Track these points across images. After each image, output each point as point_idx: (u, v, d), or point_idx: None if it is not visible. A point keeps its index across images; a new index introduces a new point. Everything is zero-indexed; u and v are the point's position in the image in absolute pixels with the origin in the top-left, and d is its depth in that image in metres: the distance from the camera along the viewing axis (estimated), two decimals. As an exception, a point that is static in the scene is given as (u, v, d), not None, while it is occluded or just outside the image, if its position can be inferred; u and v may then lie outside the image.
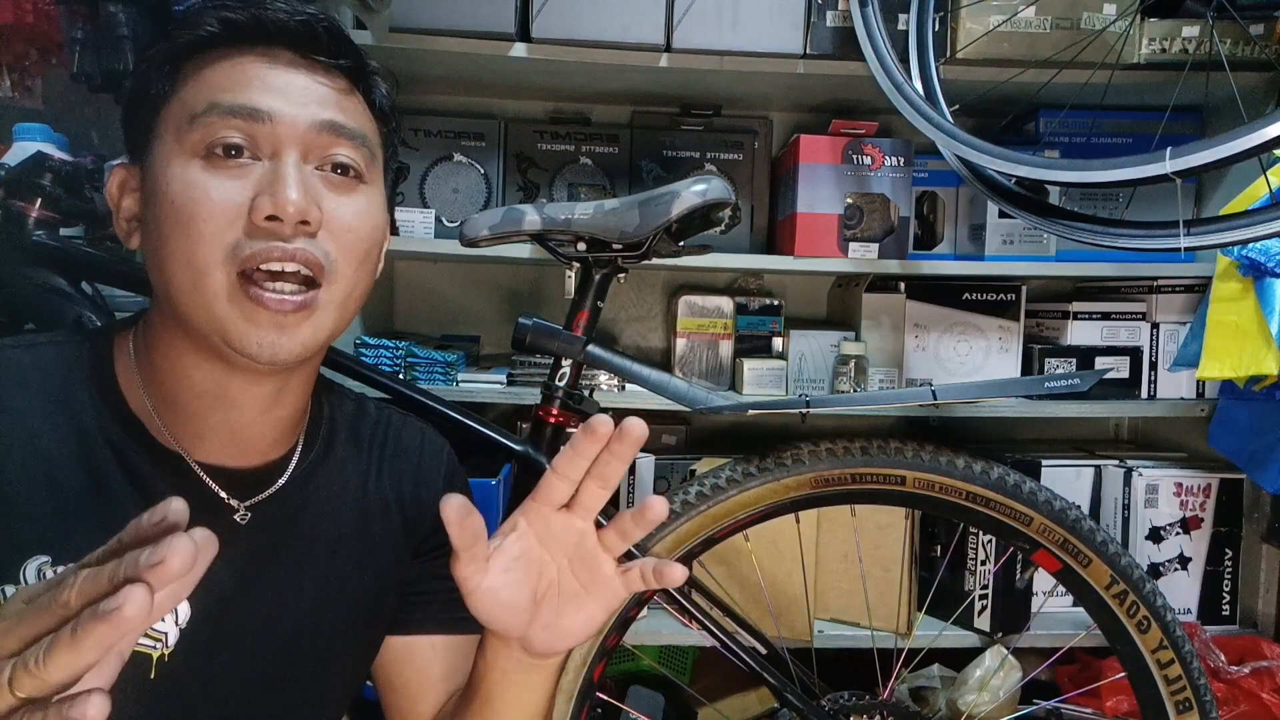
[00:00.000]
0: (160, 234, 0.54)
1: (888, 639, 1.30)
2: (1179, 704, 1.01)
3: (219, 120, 0.54)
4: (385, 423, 0.74)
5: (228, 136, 0.54)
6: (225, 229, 0.53)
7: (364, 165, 0.59)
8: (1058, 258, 1.38)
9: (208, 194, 0.53)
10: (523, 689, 0.60)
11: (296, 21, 0.57)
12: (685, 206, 0.90)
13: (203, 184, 0.53)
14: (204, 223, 0.53)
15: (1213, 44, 1.24)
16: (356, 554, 0.67)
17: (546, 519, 0.55)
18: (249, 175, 0.54)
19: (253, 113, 0.54)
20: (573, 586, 0.56)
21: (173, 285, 0.54)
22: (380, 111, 0.63)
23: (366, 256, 0.59)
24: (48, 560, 0.52)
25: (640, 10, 1.25)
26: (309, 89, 0.57)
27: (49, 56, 1.22)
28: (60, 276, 0.85)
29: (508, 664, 0.59)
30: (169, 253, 0.54)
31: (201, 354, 0.57)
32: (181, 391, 0.58)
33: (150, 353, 0.59)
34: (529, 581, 0.55)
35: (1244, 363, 1.12)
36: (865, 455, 1.01)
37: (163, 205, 0.54)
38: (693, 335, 1.44)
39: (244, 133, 0.54)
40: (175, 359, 0.58)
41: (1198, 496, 1.39)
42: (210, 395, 0.58)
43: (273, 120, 0.54)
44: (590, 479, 0.54)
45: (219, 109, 0.54)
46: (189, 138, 0.54)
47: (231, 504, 0.60)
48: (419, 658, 0.72)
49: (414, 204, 1.40)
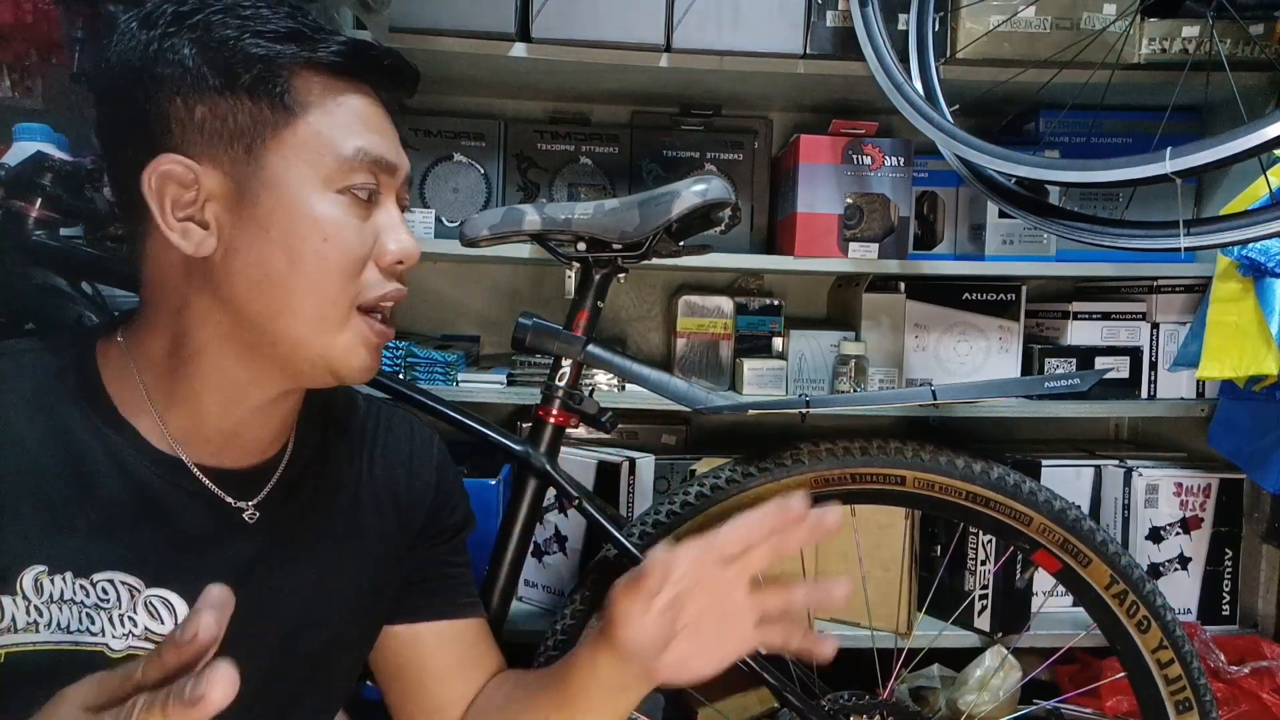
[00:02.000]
0: (291, 263, 0.54)
1: (888, 639, 1.30)
2: (1179, 704, 1.01)
3: (363, 166, 0.56)
4: (375, 415, 0.74)
5: (367, 181, 0.57)
6: (360, 267, 0.57)
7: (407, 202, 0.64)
8: (1058, 258, 1.38)
9: (353, 233, 0.56)
10: (617, 705, 0.63)
11: (389, 64, 0.59)
12: (685, 206, 0.90)
13: (350, 223, 0.56)
14: (350, 261, 0.56)
15: (1212, 44, 1.24)
16: (352, 546, 0.67)
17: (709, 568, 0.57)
18: (372, 217, 0.58)
19: (389, 166, 0.58)
20: (710, 632, 0.58)
21: (293, 314, 0.55)
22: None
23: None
24: (44, 569, 0.52)
25: (640, 10, 1.25)
26: (396, 135, 0.60)
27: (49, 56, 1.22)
28: (60, 276, 0.85)
29: (615, 678, 0.61)
30: (297, 283, 0.54)
31: (254, 369, 0.57)
32: (205, 399, 0.58)
33: (172, 360, 0.57)
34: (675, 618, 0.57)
35: (1244, 363, 1.12)
36: (865, 455, 1.00)
37: (304, 236, 0.54)
38: (693, 335, 1.44)
39: (375, 178, 0.57)
40: (215, 373, 0.57)
41: (1198, 496, 1.39)
42: (234, 403, 0.58)
43: (395, 171, 0.59)
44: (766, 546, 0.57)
45: (368, 156, 0.56)
46: (333, 175, 0.55)
47: (236, 504, 0.60)
48: (425, 644, 0.73)
49: (414, 204, 1.40)
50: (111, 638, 0.54)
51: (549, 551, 1.37)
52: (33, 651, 0.52)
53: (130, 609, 0.54)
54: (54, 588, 0.52)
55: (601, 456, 1.37)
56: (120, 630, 0.54)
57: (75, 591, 0.53)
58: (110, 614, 0.54)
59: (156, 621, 0.55)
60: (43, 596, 0.52)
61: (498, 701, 0.73)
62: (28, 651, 0.52)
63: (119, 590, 0.54)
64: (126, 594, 0.54)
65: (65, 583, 0.53)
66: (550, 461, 0.93)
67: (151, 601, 0.55)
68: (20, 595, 0.52)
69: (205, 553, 0.58)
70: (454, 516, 0.77)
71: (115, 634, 0.54)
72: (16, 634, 0.51)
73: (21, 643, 0.52)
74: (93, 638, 0.53)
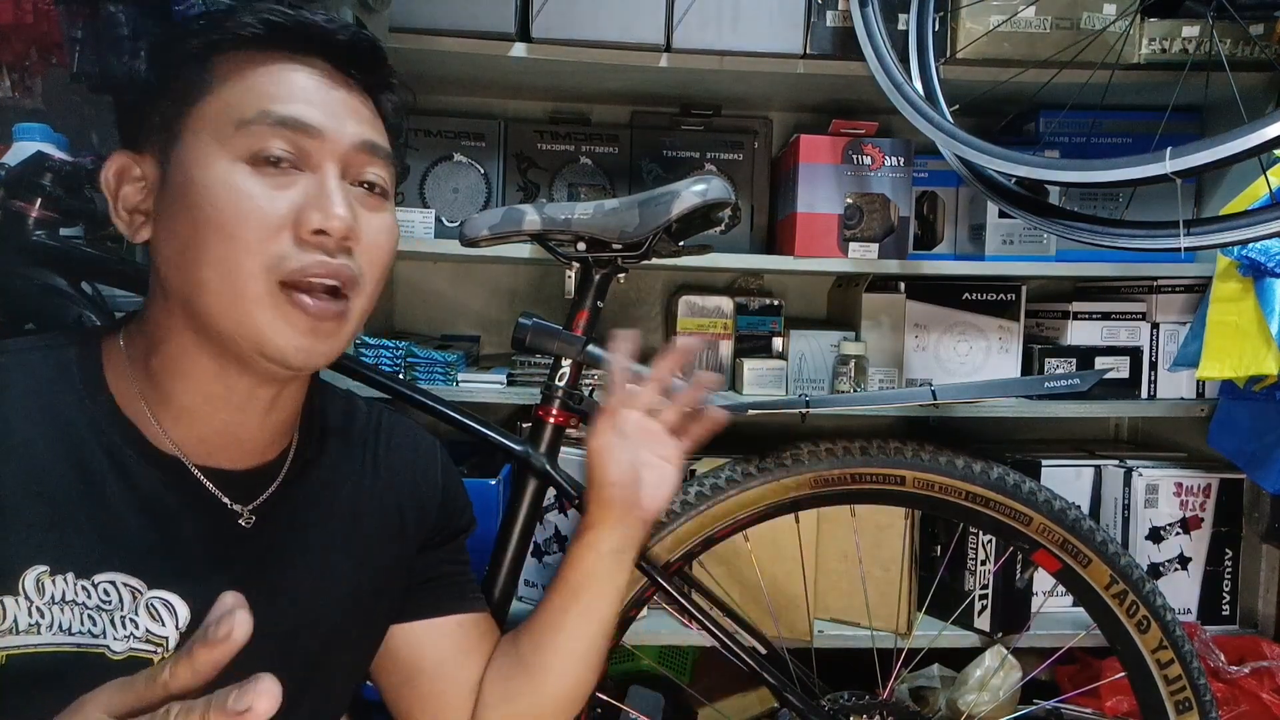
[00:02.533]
0: (194, 235, 0.53)
1: (888, 639, 1.30)
2: (1179, 704, 1.01)
3: (269, 129, 0.54)
4: (376, 420, 0.74)
5: (276, 146, 0.54)
6: (270, 238, 0.53)
7: (389, 183, 0.61)
8: (1058, 258, 1.38)
9: (255, 201, 0.53)
10: (607, 583, 0.75)
11: (342, 37, 0.58)
12: (685, 206, 0.90)
13: (250, 190, 0.53)
14: (251, 229, 0.53)
15: (1213, 44, 1.24)
16: (353, 551, 0.68)
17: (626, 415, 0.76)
18: (293, 186, 0.55)
19: (304, 127, 0.55)
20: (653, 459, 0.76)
21: (204, 288, 0.53)
22: (391, 125, 0.64)
23: (385, 271, 0.61)
24: (46, 570, 0.52)
25: (640, 10, 1.25)
26: (348, 105, 0.58)
27: (49, 56, 1.22)
28: (60, 276, 0.85)
29: (604, 546, 0.74)
30: (203, 256, 0.53)
31: (216, 357, 0.56)
32: (185, 394, 0.58)
33: (151, 355, 0.58)
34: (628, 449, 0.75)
35: (1244, 363, 1.12)
36: (865, 455, 1.00)
37: (202, 207, 0.53)
38: (693, 335, 1.44)
39: (292, 144, 0.54)
40: (184, 362, 0.57)
41: (1198, 496, 1.39)
42: (216, 398, 0.58)
43: (321, 136, 0.55)
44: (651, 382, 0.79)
45: (271, 118, 0.54)
46: (235, 142, 0.53)
47: (234, 507, 0.60)
48: (431, 638, 0.74)
49: (414, 204, 1.40)
50: (113, 640, 0.53)
51: (549, 551, 1.37)
52: (34, 654, 0.51)
53: (132, 611, 0.54)
54: (55, 589, 0.52)
55: (601, 456, 1.37)
56: (122, 632, 0.54)
57: (77, 593, 0.53)
58: (112, 616, 0.54)
59: (158, 623, 0.55)
60: (44, 598, 0.52)
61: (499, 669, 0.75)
62: (29, 654, 0.51)
63: (121, 592, 0.54)
64: (129, 595, 0.54)
65: (67, 584, 0.53)
66: (550, 461, 0.93)
67: (153, 603, 0.55)
68: (22, 596, 0.51)
69: (206, 554, 0.58)
70: (461, 519, 0.79)
71: (116, 636, 0.54)
72: (18, 635, 0.51)
73: (23, 645, 0.51)
74: (94, 640, 0.53)
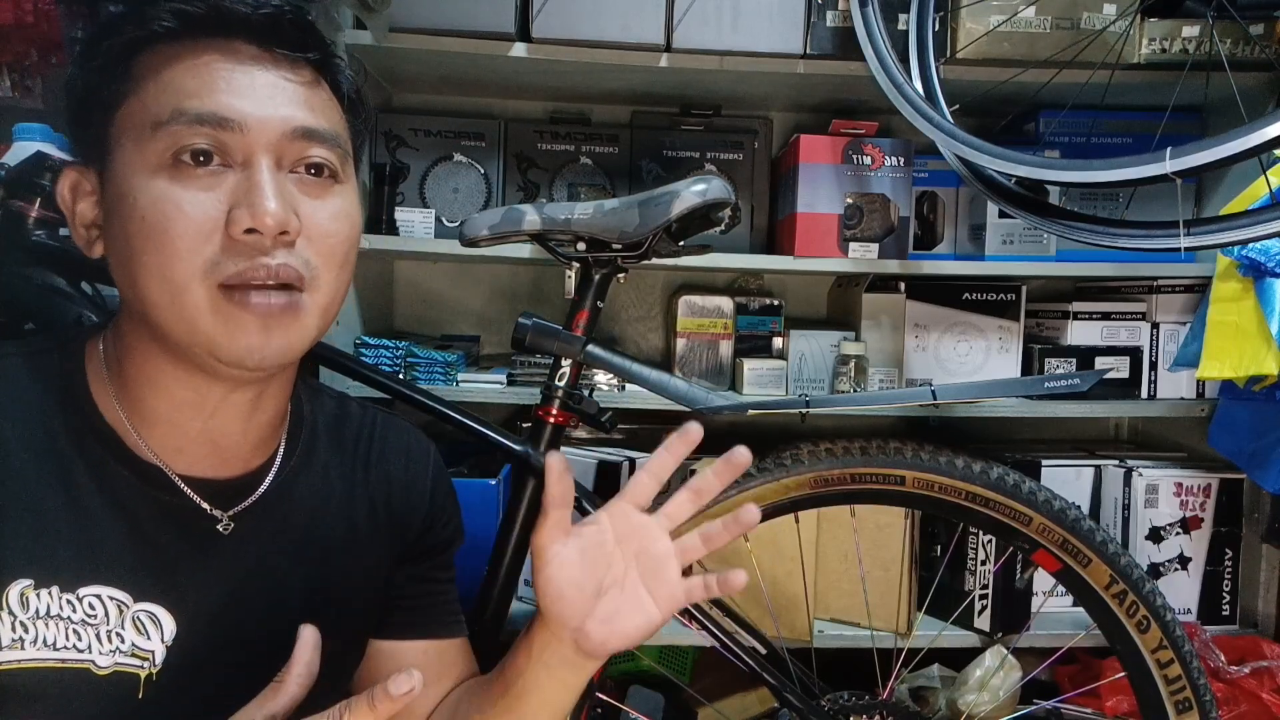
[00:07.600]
0: (131, 248, 0.51)
1: (887, 639, 1.30)
2: (1179, 704, 1.01)
3: (185, 129, 0.50)
4: (370, 423, 0.72)
5: (195, 144, 0.50)
6: (202, 243, 0.50)
7: (338, 164, 0.56)
8: (1058, 258, 1.38)
9: (180, 208, 0.50)
10: (559, 688, 0.61)
11: (260, 14, 0.53)
12: (685, 206, 0.90)
13: (173, 197, 0.50)
14: (179, 238, 0.50)
15: (1213, 44, 1.24)
16: (342, 558, 0.66)
17: (628, 515, 0.59)
18: (221, 184, 0.51)
19: (222, 121, 0.51)
20: (636, 588, 0.58)
21: (148, 300, 0.51)
22: (349, 102, 0.60)
23: (346, 259, 0.57)
24: (30, 584, 0.51)
25: (640, 10, 1.25)
26: (276, 87, 0.53)
27: (49, 56, 1.22)
28: (60, 276, 0.85)
29: (553, 659, 0.60)
30: (142, 268, 0.51)
31: (179, 364, 0.55)
32: (158, 403, 0.56)
33: (123, 364, 0.56)
34: (598, 571, 0.57)
35: (1244, 363, 1.12)
36: (865, 455, 1.00)
37: (131, 219, 0.51)
38: (693, 335, 1.44)
39: (213, 140, 0.51)
40: (151, 370, 0.55)
41: (1198, 496, 1.39)
42: (189, 405, 0.56)
43: (244, 128, 0.51)
44: (686, 489, 0.59)
45: (185, 117, 0.50)
46: (152, 146, 0.50)
47: (214, 514, 0.59)
48: (403, 661, 0.70)
49: (414, 204, 1.40)
50: (98, 654, 0.52)
51: (549, 551, 1.37)
52: (18, 670, 0.50)
53: (118, 624, 0.53)
54: (40, 603, 0.51)
55: (601, 456, 1.38)
56: (107, 647, 0.53)
57: (62, 607, 0.52)
58: (98, 630, 0.52)
59: (144, 637, 0.54)
60: (28, 612, 0.51)
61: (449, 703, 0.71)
62: (14, 670, 0.50)
63: (107, 605, 0.53)
64: (115, 609, 0.53)
65: (52, 598, 0.51)
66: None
67: (139, 617, 0.54)
68: (6, 610, 0.50)
69: (192, 565, 0.57)
70: (445, 531, 0.76)
71: (102, 650, 0.53)
72: (1, 652, 0.50)
73: (7, 661, 0.50)
74: (79, 655, 0.52)
